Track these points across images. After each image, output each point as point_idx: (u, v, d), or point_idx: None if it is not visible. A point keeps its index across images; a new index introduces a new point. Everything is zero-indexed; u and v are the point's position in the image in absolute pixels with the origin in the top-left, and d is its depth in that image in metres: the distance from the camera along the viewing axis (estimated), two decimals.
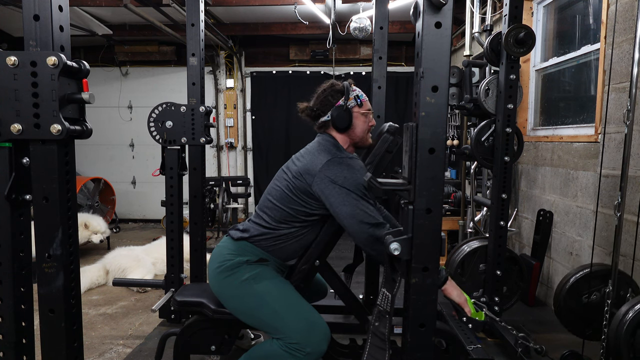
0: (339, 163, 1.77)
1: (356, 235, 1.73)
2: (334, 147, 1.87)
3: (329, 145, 1.88)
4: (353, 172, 1.76)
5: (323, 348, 1.76)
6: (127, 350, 2.65)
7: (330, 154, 1.82)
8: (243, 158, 6.72)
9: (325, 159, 1.79)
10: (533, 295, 3.29)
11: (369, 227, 1.69)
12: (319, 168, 1.77)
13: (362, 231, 1.70)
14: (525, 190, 3.70)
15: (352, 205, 1.71)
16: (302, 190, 1.81)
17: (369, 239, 1.69)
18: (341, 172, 1.75)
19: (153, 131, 2.73)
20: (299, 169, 1.84)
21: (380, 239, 1.67)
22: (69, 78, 1.24)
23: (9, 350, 1.29)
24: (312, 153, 1.87)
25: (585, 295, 2.30)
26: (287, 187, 1.85)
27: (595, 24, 3.05)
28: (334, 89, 1.93)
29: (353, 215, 1.71)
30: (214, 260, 1.90)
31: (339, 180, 1.74)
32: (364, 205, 1.72)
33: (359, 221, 1.70)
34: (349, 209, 1.72)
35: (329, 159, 1.78)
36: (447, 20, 1.15)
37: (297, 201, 1.83)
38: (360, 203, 1.72)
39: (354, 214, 1.71)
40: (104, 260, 3.95)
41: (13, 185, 1.24)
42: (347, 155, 1.84)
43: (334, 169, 1.76)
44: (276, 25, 5.90)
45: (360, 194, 1.74)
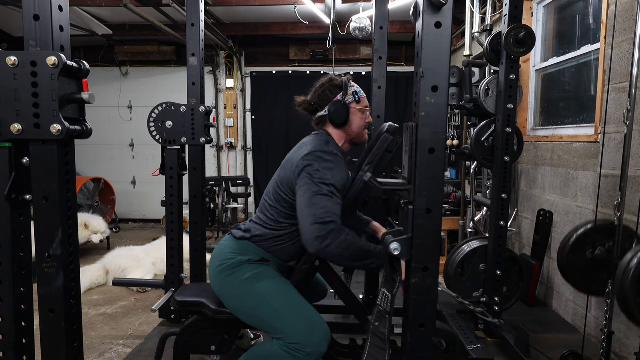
0: (319, 156, 1.75)
1: (303, 229, 1.68)
2: (323, 142, 1.85)
3: (318, 139, 1.88)
4: (327, 168, 1.73)
5: (323, 348, 1.75)
6: (127, 350, 2.65)
7: (314, 147, 1.81)
8: (243, 158, 6.72)
9: (308, 150, 1.79)
10: (533, 295, 3.29)
11: (315, 223, 1.63)
12: (300, 157, 1.78)
13: (307, 226, 1.65)
14: (525, 190, 3.70)
15: (310, 198, 1.68)
16: (285, 182, 1.82)
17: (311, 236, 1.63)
18: (317, 165, 1.73)
19: (153, 131, 2.73)
20: (286, 160, 1.87)
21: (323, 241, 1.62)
22: (69, 78, 1.24)
23: (9, 350, 1.29)
24: (300, 146, 1.89)
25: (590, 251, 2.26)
26: (277, 185, 1.87)
27: (595, 24, 3.05)
28: (332, 84, 1.93)
29: (306, 207, 1.68)
30: (215, 258, 1.90)
31: (311, 170, 1.72)
32: (322, 202, 1.66)
33: (308, 214, 1.66)
34: (305, 200, 1.69)
35: (311, 150, 1.78)
36: (447, 20, 1.15)
37: (286, 198, 1.83)
38: (319, 198, 1.67)
39: (307, 207, 1.67)
40: (104, 260, 3.95)
41: (13, 185, 1.24)
42: (332, 151, 1.80)
43: (311, 160, 1.74)
44: (276, 25, 5.90)
45: (325, 190, 1.69)
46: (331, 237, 1.62)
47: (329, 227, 1.63)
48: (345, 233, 1.65)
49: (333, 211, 1.67)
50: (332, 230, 1.63)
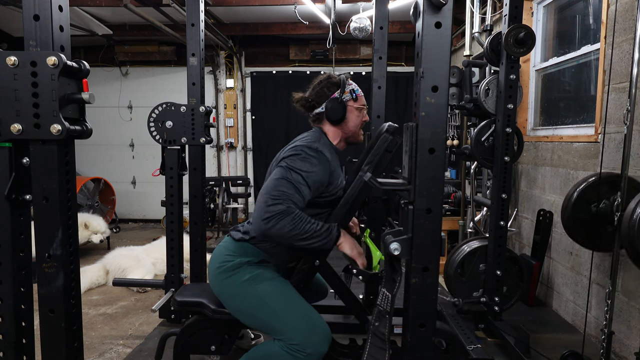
0: (301, 150, 1.76)
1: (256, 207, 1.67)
2: (313, 139, 1.86)
3: (310, 135, 1.89)
4: (306, 161, 1.73)
5: (324, 349, 1.75)
6: (127, 350, 2.65)
7: (302, 142, 1.82)
8: (243, 158, 6.72)
9: (294, 144, 1.81)
10: (533, 295, 3.29)
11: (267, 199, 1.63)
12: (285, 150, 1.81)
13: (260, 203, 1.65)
14: (525, 190, 3.70)
15: (273, 179, 1.69)
16: None
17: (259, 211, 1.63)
18: (297, 156, 1.74)
19: (153, 131, 2.73)
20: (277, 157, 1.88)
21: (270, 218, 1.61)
22: (69, 78, 1.24)
23: (9, 350, 1.29)
24: (293, 141, 1.90)
25: (594, 204, 2.24)
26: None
27: (595, 24, 3.05)
28: (330, 81, 1.93)
29: (263, 190, 1.68)
30: (214, 260, 1.90)
31: (289, 159, 1.73)
32: (282, 187, 1.66)
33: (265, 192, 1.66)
34: (268, 182, 1.70)
35: (297, 145, 1.80)
36: (447, 20, 1.15)
37: None
38: (281, 181, 1.67)
39: (265, 188, 1.68)
40: (104, 260, 3.95)
41: (13, 185, 1.24)
42: (317, 148, 1.79)
43: (293, 152, 1.76)
44: (276, 25, 5.90)
45: (291, 177, 1.68)
46: (276, 218, 1.62)
47: (277, 208, 1.63)
48: (292, 215, 1.64)
49: (289, 197, 1.66)
50: (280, 212, 1.62)
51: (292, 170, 1.70)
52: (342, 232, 1.79)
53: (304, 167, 1.72)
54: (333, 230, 1.73)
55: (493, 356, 2.50)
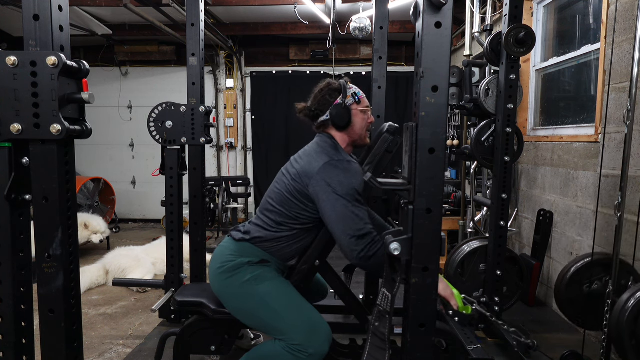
0: (336, 167, 1.76)
1: (340, 244, 1.74)
2: (332, 149, 1.86)
3: (327, 146, 1.87)
4: (348, 177, 1.75)
5: (325, 349, 1.76)
6: (127, 350, 2.65)
7: (328, 156, 1.80)
8: (243, 158, 6.72)
9: (323, 161, 1.78)
10: (533, 295, 3.29)
11: (351, 238, 1.68)
12: (316, 170, 1.77)
13: (345, 242, 1.70)
14: (526, 190, 3.70)
15: (340, 213, 1.71)
16: (301, 193, 1.81)
17: (350, 251, 1.69)
18: (337, 176, 1.74)
19: (153, 131, 2.73)
20: (297, 171, 1.84)
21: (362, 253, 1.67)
22: (69, 78, 1.24)
23: (9, 350, 1.29)
24: (310, 155, 1.87)
25: (587, 285, 2.28)
26: (287, 190, 1.85)
27: (595, 24, 3.05)
28: (331, 87, 1.92)
29: (338, 222, 1.71)
30: (215, 260, 1.90)
31: (334, 184, 1.73)
32: (352, 214, 1.70)
33: (343, 230, 1.70)
34: (336, 215, 1.71)
35: (326, 161, 1.77)
36: (447, 20, 1.15)
37: (297, 204, 1.83)
38: (349, 210, 1.71)
39: (340, 222, 1.71)
40: (104, 260, 3.95)
41: (13, 185, 1.24)
42: (345, 159, 1.82)
43: (330, 172, 1.75)
44: (276, 25, 5.89)
45: (351, 200, 1.72)
46: (372, 248, 1.68)
47: (367, 239, 1.69)
48: (381, 243, 1.68)
49: (365, 220, 1.72)
50: (370, 242, 1.68)
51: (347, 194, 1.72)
52: None
53: (351, 182, 1.74)
54: None
55: (493, 356, 2.50)
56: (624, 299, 1.86)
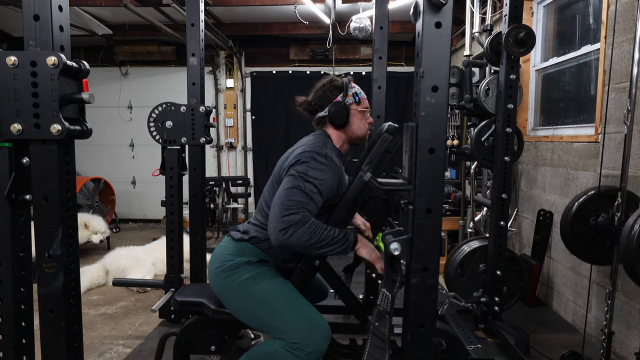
0: (311, 157, 1.75)
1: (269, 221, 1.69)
2: (320, 143, 1.85)
3: (316, 140, 1.88)
4: (317, 168, 1.73)
5: (324, 347, 1.76)
6: (127, 350, 2.65)
7: (310, 147, 1.81)
8: (243, 158, 6.72)
9: (302, 150, 1.80)
10: (533, 295, 3.29)
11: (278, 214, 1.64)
12: (293, 156, 1.79)
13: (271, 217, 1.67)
14: (525, 190, 3.70)
15: (285, 189, 1.69)
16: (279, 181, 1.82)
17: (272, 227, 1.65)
18: (306, 163, 1.73)
19: (153, 131, 2.73)
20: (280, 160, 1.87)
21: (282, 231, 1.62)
22: (69, 78, 1.24)
23: (9, 350, 1.29)
24: (297, 146, 1.89)
25: (593, 218, 2.23)
26: (273, 185, 1.87)
27: (595, 24, 3.05)
28: (333, 84, 1.93)
29: (276, 199, 1.69)
30: (214, 260, 1.90)
31: (299, 167, 1.72)
32: (295, 195, 1.66)
33: (276, 204, 1.67)
34: (281, 190, 1.70)
35: (306, 150, 1.78)
36: (447, 20, 1.15)
37: None
38: (293, 190, 1.67)
39: (278, 198, 1.68)
40: (104, 260, 3.95)
41: (13, 185, 1.24)
42: (326, 154, 1.79)
43: (302, 158, 1.75)
44: (276, 25, 5.90)
45: (303, 186, 1.68)
46: (293, 228, 1.63)
47: (293, 218, 1.64)
48: (308, 223, 1.65)
49: (304, 206, 1.67)
50: (296, 222, 1.63)
51: (303, 178, 1.70)
52: (359, 237, 1.78)
53: (316, 174, 1.72)
54: (350, 236, 1.73)
55: (493, 356, 2.50)
56: (630, 222, 1.84)
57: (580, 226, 2.27)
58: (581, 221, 2.27)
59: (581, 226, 2.27)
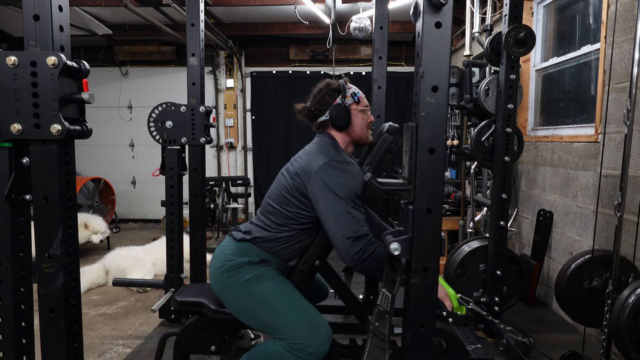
0: (335, 167, 1.75)
1: (336, 245, 1.72)
2: (332, 149, 1.85)
3: (327, 146, 1.87)
4: (347, 178, 1.74)
5: (325, 348, 1.76)
6: (127, 350, 2.65)
7: (327, 156, 1.80)
8: (243, 158, 6.72)
9: (322, 161, 1.78)
10: (533, 295, 3.29)
11: (347, 239, 1.67)
12: (315, 170, 1.76)
13: (341, 243, 1.69)
14: (525, 190, 3.70)
15: (337, 213, 1.70)
16: (299, 191, 1.81)
17: (345, 252, 1.68)
18: (335, 177, 1.73)
19: (153, 131, 2.73)
20: (296, 169, 1.84)
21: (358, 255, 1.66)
22: (69, 78, 1.24)
23: (9, 350, 1.29)
24: (310, 154, 1.87)
25: (587, 281, 2.27)
26: (285, 189, 1.85)
27: (595, 24, 3.05)
28: (330, 87, 1.92)
29: (335, 223, 1.70)
30: (215, 260, 1.90)
31: (332, 184, 1.72)
32: (349, 215, 1.70)
33: (339, 231, 1.69)
34: (333, 216, 1.71)
35: (326, 161, 1.77)
36: (447, 20, 1.15)
37: (295, 203, 1.83)
38: (346, 211, 1.70)
39: (336, 222, 1.70)
40: (104, 260, 3.95)
41: (13, 185, 1.24)
42: (345, 159, 1.81)
43: (329, 173, 1.74)
44: (276, 25, 5.90)
45: (349, 201, 1.71)
46: (367, 250, 1.67)
47: (363, 240, 1.68)
48: (377, 245, 1.69)
49: (361, 222, 1.71)
50: (366, 244, 1.67)
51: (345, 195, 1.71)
52: None
53: (350, 184, 1.73)
54: None
55: (493, 356, 2.50)
56: (624, 296, 1.86)
57: (574, 289, 2.32)
58: (575, 284, 2.32)
59: (575, 289, 2.32)
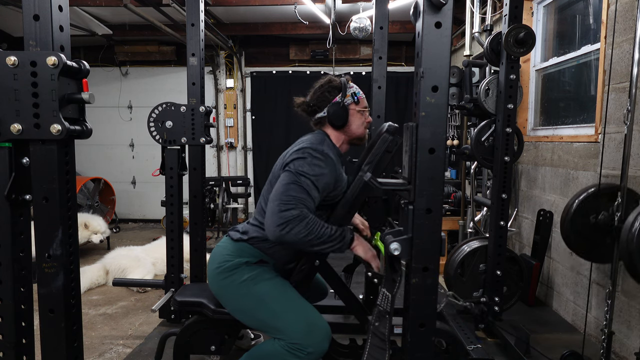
0: (308, 153, 1.75)
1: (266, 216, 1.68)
2: (317, 141, 1.86)
3: (314, 138, 1.88)
4: (314, 164, 1.73)
5: (324, 347, 1.76)
6: (127, 350, 2.65)
7: (307, 144, 1.81)
8: (243, 158, 6.72)
9: (299, 147, 1.80)
10: (533, 295, 3.29)
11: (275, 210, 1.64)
12: (290, 153, 1.80)
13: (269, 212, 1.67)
14: (525, 190, 3.70)
15: (283, 184, 1.69)
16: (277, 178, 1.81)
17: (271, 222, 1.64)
18: (303, 159, 1.73)
19: (153, 131, 2.73)
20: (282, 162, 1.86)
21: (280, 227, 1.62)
22: (69, 78, 1.24)
23: (9, 350, 1.29)
24: (294, 145, 1.89)
25: (593, 215, 2.23)
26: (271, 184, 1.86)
27: (595, 24, 3.05)
28: (331, 85, 1.92)
29: (274, 193, 1.69)
30: (213, 260, 1.90)
31: (296, 163, 1.73)
32: (292, 191, 1.66)
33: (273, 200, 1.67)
34: (278, 186, 1.70)
35: (302, 147, 1.79)
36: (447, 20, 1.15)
37: None
38: (291, 186, 1.67)
39: (276, 193, 1.69)
40: (104, 260, 3.95)
41: (13, 185, 1.24)
42: (323, 150, 1.79)
43: (299, 154, 1.75)
44: (276, 25, 5.90)
45: (301, 181, 1.68)
46: (291, 224, 1.63)
47: (290, 214, 1.64)
48: (306, 219, 1.65)
49: (301, 201, 1.67)
50: (294, 217, 1.63)
51: (300, 174, 1.70)
52: (356, 236, 1.78)
53: (312, 170, 1.72)
54: (347, 234, 1.73)
55: (493, 356, 2.50)
56: (630, 220, 1.84)
57: (580, 224, 2.27)
58: (581, 219, 2.26)
59: (581, 224, 2.27)
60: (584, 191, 2.30)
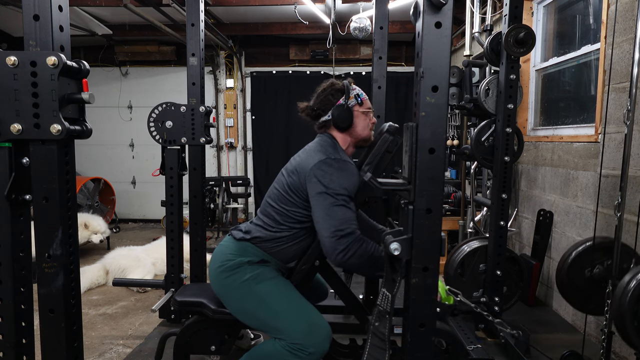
0: (330, 165, 1.76)
1: (322, 241, 1.72)
2: (331, 148, 1.86)
3: (326, 145, 1.87)
4: (341, 176, 1.74)
5: (325, 347, 1.76)
6: (127, 350, 2.65)
7: (325, 154, 1.80)
8: (243, 158, 6.72)
9: (318, 158, 1.78)
10: (533, 295, 3.29)
11: (333, 236, 1.67)
12: (310, 167, 1.77)
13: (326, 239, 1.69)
14: (525, 190, 3.70)
15: (326, 210, 1.70)
16: (296, 189, 1.81)
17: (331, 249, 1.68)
18: (330, 174, 1.74)
19: (153, 131, 2.73)
20: (294, 166, 1.86)
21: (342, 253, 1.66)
22: (69, 78, 1.24)
23: (9, 350, 1.29)
24: (308, 152, 1.88)
25: (588, 269, 2.26)
26: (284, 188, 1.86)
27: (595, 24, 3.05)
28: (334, 88, 1.92)
29: (323, 219, 1.70)
30: (215, 259, 1.90)
31: (325, 181, 1.72)
32: (338, 212, 1.69)
33: (326, 228, 1.69)
34: (322, 212, 1.71)
35: (322, 158, 1.77)
36: (447, 20, 1.15)
37: (293, 201, 1.83)
38: (335, 208, 1.69)
39: (324, 219, 1.70)
40: (104, 260, 3.95)
41: (13, 185, 1.24)
42: (342, 158, 1.81)
43: (324, 169, 1.75)
44: (276, 25, 5.90)
45: (339, 199, 1.71)
46: (352, 249, 1.66)
47: (349, 238, 1.67)
48: (364, 243, 1.68)
49: (350, 221, 1.70)
50: (352, 242, 1.66)
51: (335, 191, 1.71)
52: None
53: (342, 183, 1.73)
54: None
55: (493, 356, 2.50)
56: (625, 281, 1.85)
57: (575, 276, 2.31)
58: (577, 271, 2.30)
59: (577, 276, 2.30)
60: (580, 244, 2.34)
